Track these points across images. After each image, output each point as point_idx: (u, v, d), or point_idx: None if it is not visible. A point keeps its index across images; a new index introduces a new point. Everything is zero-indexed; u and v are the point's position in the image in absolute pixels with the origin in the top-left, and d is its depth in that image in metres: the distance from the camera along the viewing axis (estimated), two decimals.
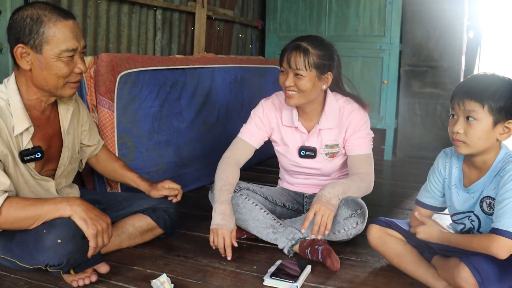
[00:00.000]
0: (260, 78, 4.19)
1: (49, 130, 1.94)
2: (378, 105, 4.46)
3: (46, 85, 1.80)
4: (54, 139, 1.97)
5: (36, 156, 1.85)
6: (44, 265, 1.71)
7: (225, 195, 2.17)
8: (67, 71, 1.79)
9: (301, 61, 2.16)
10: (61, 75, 1.78)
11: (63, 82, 1.81)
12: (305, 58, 2.16)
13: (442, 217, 2.20)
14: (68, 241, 1.67)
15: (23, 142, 1.81)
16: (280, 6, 4.80)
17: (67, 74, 1.80)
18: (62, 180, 2.06)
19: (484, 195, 1.72)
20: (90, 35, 2.95)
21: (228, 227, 2.09)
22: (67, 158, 2.03)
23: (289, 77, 2.19)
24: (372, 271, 2.08)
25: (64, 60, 1.77)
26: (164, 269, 2.03)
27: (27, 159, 1.83)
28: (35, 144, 1.86)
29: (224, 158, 2.36)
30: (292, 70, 2.18)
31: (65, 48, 1.75)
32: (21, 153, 1.81)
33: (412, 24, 4.41)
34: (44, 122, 1.92)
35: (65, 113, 2.01)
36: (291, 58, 2.17)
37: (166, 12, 3.64)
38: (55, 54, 1.74)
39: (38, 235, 1.68)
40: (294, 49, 2.18)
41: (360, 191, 2.25)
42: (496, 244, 1.56)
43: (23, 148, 1.81)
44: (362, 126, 2.35)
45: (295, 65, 2.16)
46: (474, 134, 1.65)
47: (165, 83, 3.06)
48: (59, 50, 1.74)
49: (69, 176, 2.12)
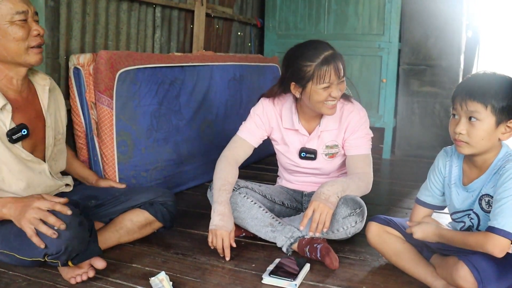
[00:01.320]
0: (259, 76, 4.19)
1: (30, 111, 1.95)
2: (377, 104, 4.46)
3: (8, 54, 1.83)
4: (37, 120, 1.98)
5: (23, 133, 1.86)
6: (43, 255, 1.69)
7: (224, 195, 2.17)
8: (23, 33, 1.82)
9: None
10: (18, 38, 1.81)
11: (24, 47, 1.84)
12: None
13: (441, 216, 2.20)
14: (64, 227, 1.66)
15: (5, 123, 1.82)
16: (279, 4, 4.80)
17: (24, 37, 1.83)
18: (52, 163, 2.05)
19: (483, 193, 1.72)
20: (89, 33, 2.93)
21: (227, 228, 2.09)
22: (52, 138, 2.03)
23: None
24: (370, 269, 2.08)
25: (18, 23, 1.81)
26: (162, 267, 2.03)
27: (16, 138, 1.83)
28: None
29: (223, 156, 2.35)
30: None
31: (15, 11, 1.80)
32: (7, 134, 1.81)
33: (411, 23, 4.40)
34: (23, 103, 1.93)
35: (42, 92, 2.02)
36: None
37: (165, 9, 3.62)
38: (8, 19, 1.79)
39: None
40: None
41: (359, 190, 2.25)
42: (491, 242, 1.57)
43: (8, 129, 1.82)
44: (361, 126, 2.35)
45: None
46: (477, 135, 1.64)
47: (164, 80, 3.06)
48: (10, 15, 1.79)
49: (57, 159, 2.11)
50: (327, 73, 2.12)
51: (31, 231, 1.65)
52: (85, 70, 2.70)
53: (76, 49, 2.87)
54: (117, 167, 2.73)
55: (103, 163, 2.72)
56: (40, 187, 1.97)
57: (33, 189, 1.93)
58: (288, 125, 2.39)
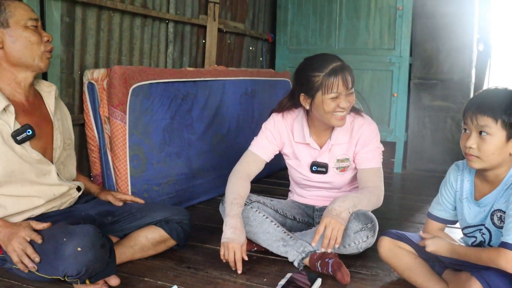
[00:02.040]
0: (271, 91, 4.21)
1: (37, 115, 2.00)
2: (388, 118, 4.46)
3: (23, 56, 1.91)
4: (45, 123, 2.02)
5: (28, 133, 1.89)
6: (63, 275, 1.72)
7: (235, 208, 2.18)
8: (37, 38, 1.92)
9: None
10: (33, 42, 1.91)
11: (38, 51, 1.93)
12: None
13: (453, 231, 2.20)
14: (88, 249, 1.69)
15: (10, 124, 1.85)
16: (291, 19, 4.84)
17: (39, 41, 1.93)
18: (61, 167, 2.08)
19: (495, 209, 1.72)
20: (103, 48, 2.98)
21: (239, 241, 2.10)
22: (60, 141, 2.06)
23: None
24: (382, 284, 2.08)
25: (31, 29, 1.92)
26: (174, 281, 2.04)
27: (20, 139, 1.87)
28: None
29: (235, 171, 2.37)
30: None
31: (28, 17, 1.91)
32: (12, 135, 1.85)
33: (422, 37, 4.42)
34: (30, 107, 1.98)
35: (48, 97, 2.08)
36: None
37: (178, 25, 3.67)
38: (22, 24, 1.90)
39: (58, 243, 1.71)
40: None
41: (370, 204, 2.25)
42: (504, 258, 1.56)
43: (12, 131, 1.86)
44: (372, 140, 2.36)
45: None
46: (487, 149, 1.65)
47: (176, 95, 3.09)
48: (24, 20, 1.90)
49: (66, 164, 2.13)
50: (335, 83, 2.15)
51: (17, 259, 1.73)
52: (99, 85, 2.74)
53: (91, 64, 2.91)
54: (130, 181, 2.75)
55: (116, 177, 2.74)
56: (48, 188, 2.00)
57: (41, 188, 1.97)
58: (299, 139, 2.40)
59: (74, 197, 2.13)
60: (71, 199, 2.12)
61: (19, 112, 1.90)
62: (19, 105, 1.93)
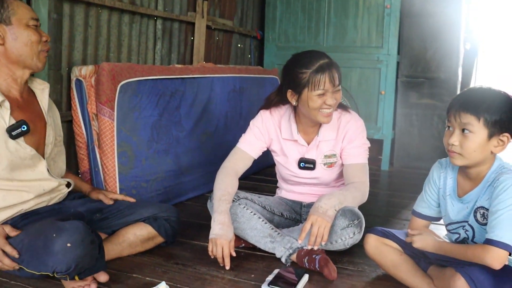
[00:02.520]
0: (259, 88, 4.23)
1: (31, 111, 2.01)
2: (376, 116, 4.48)
3: (22, 54, 1.93)
4: (38, 120, 2.03)
5: (22, 129, 1.91)
6: (52, 271, 1.72)
7: (223, 205, 2.20)
8: (37, 37, 1.96)
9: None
10: (34, 41, 1.94)
11: (37, 50, 1.97)
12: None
13: (438, 228, 2.23)
14: (77, 245, 1.70)
15: (5, 119, 1.86)
16: (279, 17, 4.84)
17: (38, 40, 1.96)
18: (51, 163, 2.09)
19: (478, 206, 1.74)
20: (91, 44, 2.97)
21: (227, 237, 2.11)
22: (52, 137, 2.09)
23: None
24: (369, 280, 2.10)
25: (32, 28, 1.95)
26: (163, 277, 2.05)
27: (15, 134, 1.88)
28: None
29: (223, 168, 2.38)
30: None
31: (30, 16, 1.95)
32: (7, 130, 1.86)
33: (410, 35, 4.45)
34: (24, 104, 2.00)
35: (41, 94, 2.10)
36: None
37: (166, 22, 3.67)
38: (24, 22, 1.93)
39: (47, 239, 1.71)
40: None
41: (356, 200, 2.28)
42: (490, 255, 1.58)
43: (7, 126, 1.86)
44: (358, 136, 2.38)
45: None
46: (469, 146, 1.67)
47: (164, 92, 3.09)
48: (26, 19, 1.93)
49: (56, 160, 2.16)
50: (322, 80, 2.17)
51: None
52: (87, 81, 2.73)
53: (78, 61, 2.91)
54: (118, 178, 2.75)
55: (104, 174, 2.74)
56: (38, 182, 2.00)
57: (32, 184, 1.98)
58: (287, 135, 2.42)
59: (63, 193, 2.14)
60: (61, 195, 2.12)
61: (14, 108, 1.91)
62: (14, 101, 1.94)
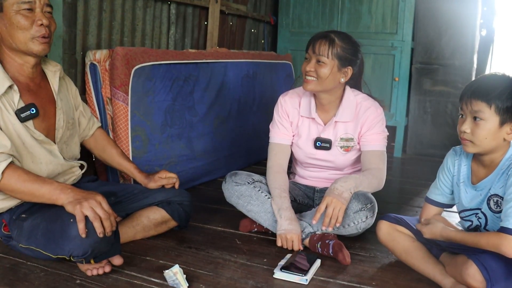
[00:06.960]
0: (272, 73, 4.22)
1: (42, 96, 2.01)
2: (389, 103, 4.46)
3: (14, 41, 1.89)
4: (50, 104, 2.03)
5: (31, 112, 1.91)
6: (69, 255, 1.75)
7: (286, 202, 2.26)
8: (26, 23, 1.87)
9: (325, 49, 2.25)
10: (21, 27, 1.87)
11: (28, 36, 1.88)
12: (330, 46, 2.25)
13: (450, 215, 2.22)
14: (94, 231, 1.71)
15: (15, 102, 1.87)
16: (293, 2, 4.81)
17: (27, 26, 1.87)
18: (63, 146, 2.09)
19: (492, 193, 1.74)
20: (106, 29, 2.98)
21: (297, 231, 2.18)
22: (63, 121, 2.07)
23: (311, 63, 2.28)
24: (380, 266, 2.11)
25: (23, 13, 1.86)
26: (176, 260, 2.07)
27: (24, 116, 1.88)
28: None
29: (269, 168, 2.45)
30: (315, 56, 2.27)
31: (21, 0, 1.85)
32: (16, 113, 1.86)
33: (424, 21, 4.40)
34: (35, 88, 1.99)
35: (53, 77, 2.08)
36: (317, 44, 2.27)
37: (180, 6, 3.66)
38: (14, 8, 1.85)
39: (64, 224, 1.72)
40: (321, 37, 2.29)
41: (371, 186, 2.28)
42: (505, 243, 1.58)
43: (16, 109, 1.87)
44: (378, 123, 2.39)
45: (319, 51, 2.26)
46: (480, 134, 1.67)
47: (178, 77, 3.09)
48: (16, 4, 1.85)
49: (69, 143, 2.14)
50: (310, 46, 2.30)
51: (82, 216, 1.69)
52: (101, 66, 2.75)
53: (93, 45, 2.91)
54: None
55: None
56: (52, 164, 2.01)
57: (45, 165, 1.98)
58: (305, 113, 2.45)
59: (77, 175, 2.16)
60: (74, 177, 2.14)
61: (23, 92, 1.92)
62: (24, 85, 1.94)
